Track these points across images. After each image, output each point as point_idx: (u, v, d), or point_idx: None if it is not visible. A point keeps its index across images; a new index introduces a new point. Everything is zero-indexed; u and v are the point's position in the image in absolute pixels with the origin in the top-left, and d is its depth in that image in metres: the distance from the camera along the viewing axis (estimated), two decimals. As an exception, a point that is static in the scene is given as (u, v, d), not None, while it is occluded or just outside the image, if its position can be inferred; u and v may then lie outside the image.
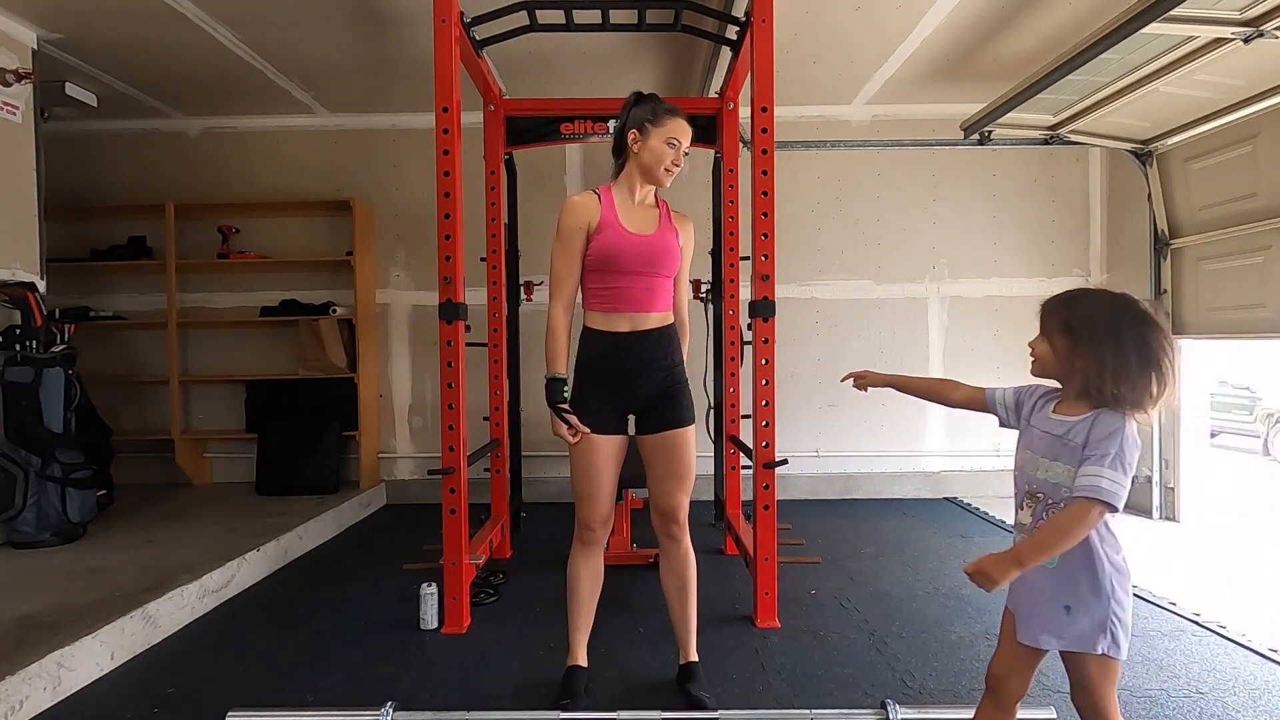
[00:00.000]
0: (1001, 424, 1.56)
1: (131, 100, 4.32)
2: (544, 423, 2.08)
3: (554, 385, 2.00)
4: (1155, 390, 1.28)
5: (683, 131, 2.02)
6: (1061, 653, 1.40)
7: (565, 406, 1.99)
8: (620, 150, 2.07)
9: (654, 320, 2.02)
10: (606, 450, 2.01)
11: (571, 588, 2.10)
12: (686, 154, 2.04)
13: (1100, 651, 1.33)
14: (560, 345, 2.03)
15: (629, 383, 2.00)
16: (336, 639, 2.55)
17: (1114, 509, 1.27)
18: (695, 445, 2.09)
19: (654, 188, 2.08)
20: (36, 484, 3.24)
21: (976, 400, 1.60)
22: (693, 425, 2.07)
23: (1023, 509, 1.43)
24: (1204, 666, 2.26)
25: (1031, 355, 1.44)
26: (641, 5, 3.00)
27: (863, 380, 1.85)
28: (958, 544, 3.65)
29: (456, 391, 2.61)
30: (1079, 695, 1.41)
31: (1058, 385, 1.43)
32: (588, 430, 1.98)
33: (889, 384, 1.78)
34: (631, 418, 2.06)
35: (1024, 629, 1.41)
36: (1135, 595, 2.85)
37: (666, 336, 2.04)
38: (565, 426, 1.98)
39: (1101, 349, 1.31)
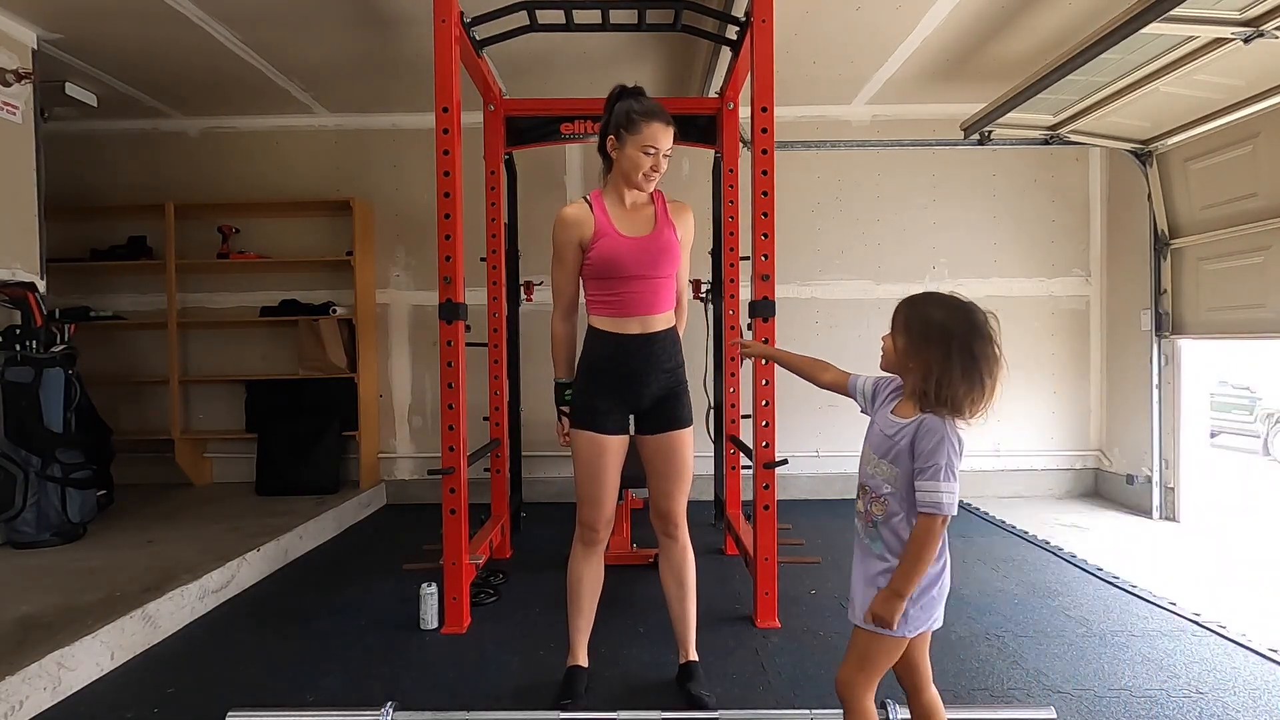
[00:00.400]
0: (862, 411, 1.60)
1: (131, 100, 4.32)
2: (543, 423, 2.13)
3: (557, 389, 2.11)
4: (975, 400, 1.34)
5: (660, 136, 1.92)
6: (856, 629, 1.45)
7: (564, 409, 2.09)
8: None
9: (661, 322, 2.02)
10: (614, 451, 2.03)
11: (572, 588, 2.10)
12: (667, 155, 1.97)
13: (898, 632, 1.39)
14: (561, 352, 2.11)
15: (635, 384, 2.00)
16: (336, 639, 2.55)
17: (952, 515, 1.34)
18: (694, 446, 2.10)
19: None
20: (36, 484, 3.24)
21: (840, 385, 1.65)
22: (691, 426, 2.08)
23: (858, 499, 1.50)
24: (1204, 666, 2.26)
25: (882, 349, 1.49)
26: (641, 5, 3.00)
27: (744, 350, 1.90)
28: (958, 544, 3.64)
29: (456, 391, 2.61)
30: (851, 668, 1.44)
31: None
32: (569, 436, 2.06)
33: (766, 356, 1.84)
34: (632, 418, 2.06)
35: (852, 610, 1.47)
36: (1135, 595, 2.87)
37: (672, 338, 2.05)
38: (560, 426, 2.09)
39: (930, 353, 1.36)
